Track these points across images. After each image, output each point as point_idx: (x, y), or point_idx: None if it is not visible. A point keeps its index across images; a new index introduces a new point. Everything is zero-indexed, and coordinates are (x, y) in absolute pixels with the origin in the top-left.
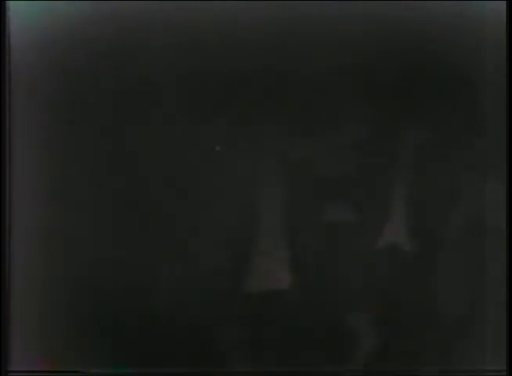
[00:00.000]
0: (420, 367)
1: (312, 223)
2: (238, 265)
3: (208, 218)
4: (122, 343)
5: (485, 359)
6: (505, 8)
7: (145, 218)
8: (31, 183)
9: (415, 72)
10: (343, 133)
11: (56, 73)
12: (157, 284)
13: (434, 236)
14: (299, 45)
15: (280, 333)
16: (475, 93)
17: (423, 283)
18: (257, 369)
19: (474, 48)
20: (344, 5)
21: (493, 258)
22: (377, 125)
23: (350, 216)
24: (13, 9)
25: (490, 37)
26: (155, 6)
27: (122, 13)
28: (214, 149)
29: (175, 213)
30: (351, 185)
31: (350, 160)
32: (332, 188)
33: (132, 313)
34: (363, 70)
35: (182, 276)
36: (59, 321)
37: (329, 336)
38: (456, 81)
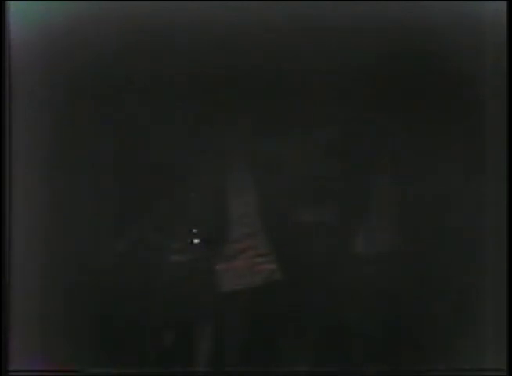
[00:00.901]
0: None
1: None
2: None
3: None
4: (122, 343)
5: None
6: (505, 8)
7: (145, 219)
8: (31, 182)
9: (416, 71)
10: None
11: (56, 72)
12: (158, 286)
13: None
14: (300, 45)
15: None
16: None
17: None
18: (255, 369)
19: (475, 47)
20: (344, 5)
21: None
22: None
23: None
24: (13, 9)
25: (490, 37)
26: (155, 6)
27: (122, 13)
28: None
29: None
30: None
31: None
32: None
33: (132, 313)
34: (365, 70)
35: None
36: (58, 321)
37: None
38: (457, 80)
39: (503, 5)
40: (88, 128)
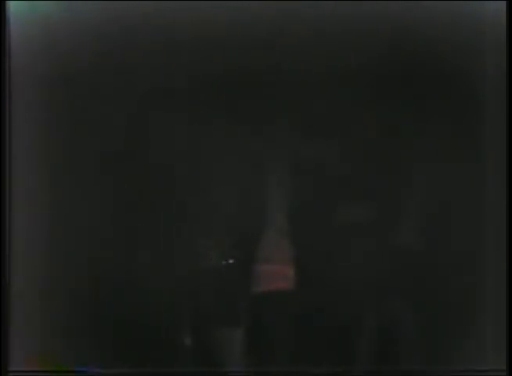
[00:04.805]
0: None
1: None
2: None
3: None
4: (122, 343)
5: None
6: (505, 8)
7: (145, 219)
8: (31, 182)
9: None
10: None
11: (56, 72)
12: (158, 287)
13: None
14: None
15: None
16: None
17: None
18: (256, 369)
19: (475, 47)
20: (344, 5)
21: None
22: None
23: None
24: (13, 9)
25: (490, 37)
26: (155, 7)
27: (122, 13)
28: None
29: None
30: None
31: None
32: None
33: (132, 314)
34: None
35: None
36: (58, 321)
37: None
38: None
39: (503, 5)
40: (89, 128)
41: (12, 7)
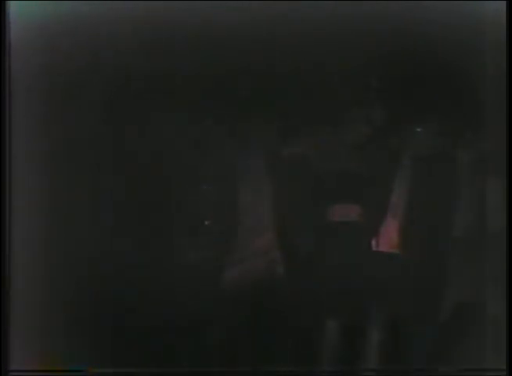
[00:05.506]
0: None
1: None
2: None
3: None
4: (122, 343)
5: None
6: (505, 8)
7: (144, 218)
8: (31, 183)
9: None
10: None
11: (56, 72)
12: (158, 287)
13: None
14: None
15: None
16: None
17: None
18: (257, 368)
19: (475, 47)
20: (344, 5)
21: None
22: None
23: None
24: (13, 9)
25: (490, 37)
26: (155, 6)
27: (122, 13)
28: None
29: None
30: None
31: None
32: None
33: (132, 313)
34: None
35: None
36: (58, 321)
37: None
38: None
39: (503, 5)
40: (89, 128)
41: (12, 7)
